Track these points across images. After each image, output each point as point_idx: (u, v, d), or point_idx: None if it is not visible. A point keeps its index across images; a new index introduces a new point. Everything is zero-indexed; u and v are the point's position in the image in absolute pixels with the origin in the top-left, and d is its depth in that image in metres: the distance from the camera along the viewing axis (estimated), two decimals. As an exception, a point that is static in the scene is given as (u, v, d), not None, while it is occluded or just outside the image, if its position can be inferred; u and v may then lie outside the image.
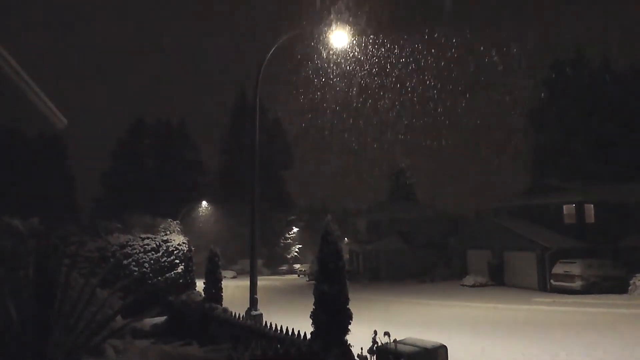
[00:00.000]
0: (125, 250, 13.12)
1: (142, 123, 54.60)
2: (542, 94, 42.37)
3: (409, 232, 40.24)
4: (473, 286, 28.67)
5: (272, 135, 52.28)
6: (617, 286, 23.09)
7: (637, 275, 22.92)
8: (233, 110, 55.90)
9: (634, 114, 36.52)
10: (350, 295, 8.24)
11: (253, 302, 11.58)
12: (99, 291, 6.34)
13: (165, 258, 13.83)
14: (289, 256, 54.82)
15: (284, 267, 50.87)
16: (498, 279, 29.18)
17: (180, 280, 13.85)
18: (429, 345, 8.33)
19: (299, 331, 8.42)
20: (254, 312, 11.35)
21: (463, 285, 29.29)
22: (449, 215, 42.42)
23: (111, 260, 12.54)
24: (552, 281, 24.97)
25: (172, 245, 14.17)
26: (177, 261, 14.12)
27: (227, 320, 10.34)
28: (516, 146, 46.01)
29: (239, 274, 40.49)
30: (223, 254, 15.33)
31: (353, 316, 8.16)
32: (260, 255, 43.80)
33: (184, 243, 14.58)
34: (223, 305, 11.58)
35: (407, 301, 23.19)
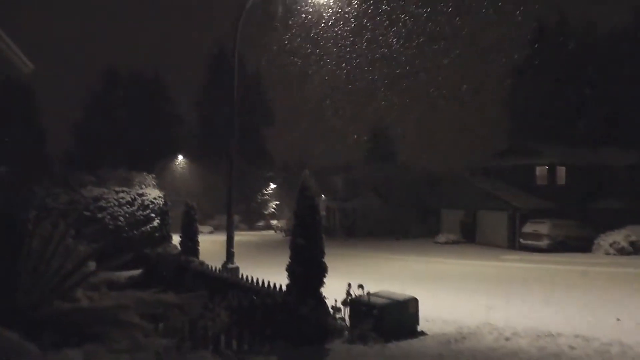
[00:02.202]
0: (99, 204, 12.94)
1: (115, 74, 52.69)
2: (520, 58, 42.44)
3: (386, 190, 40.76)
4: (445, 243, 29.51)
5: (251, 90, 51.27)
6: (582, 245, 24.08)
7: (601, 235, 23.90)
8: (211, 62, 54.29)
9: (610, 81, 36.94)
10: (326, 251, 8.37)
11: (230, 256, 11.68)
12: (72, 243, 6.27)
13: (140, 212, 13.71)
14: (266, 212, 55.13)
15: (261, 223, 51.24)
16: (470, 237, 30.05)
17: (156, 234, 13.82)
18: (400, 298, 8.61)
19: (274, 283, 8.57)
20: (230, 266, 11.46)
21: (436, 242, 30.10)
22: (426, 175, 43.00)
23: (85, 213, 12.38)
24: (521, 240, 25.86)
25: (147, 199, 14.02)
26: (153, 215, 14.03)
27: (204, 272, 10.44)
28: (495, 108, 46.33)
29: (216, 229, 40.58)
30: (200, 209, 15.29)
31: (328, 270, 8.33)
32: (238, 211, 43.85)
33: (159, 197, 14.44)
34: (200, 259, 11.66)
35: (382, 257, 23.76)
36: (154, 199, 14.19)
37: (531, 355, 6.86)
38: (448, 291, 13.46)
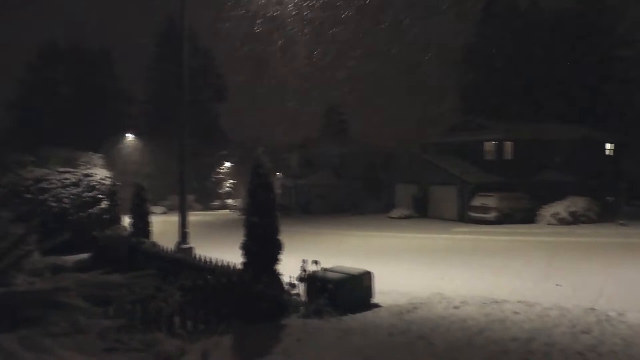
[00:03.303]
0: (41, 185, 12.29)
1: (56, 48, 49.53)
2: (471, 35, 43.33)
3: (341, 167, 41.06)
4: (399, 218, 30.21)
5: (203, 65, 49.70)
6: (527, 217, 25.31)
7: (543, 207, 25.20)
8: (160, 36, 52.06)
9: (556, 58, 38.40)
10: (282, 228, 8.36)
11: (183, 236, 11.47)
12: (5, 224, 5.92)
13: (87, 193, 13.15)
14: (221, 191, 54.33)
15: (217, 203, 50.50)
16: (422, 211, 30.89)
17: (105, 216, 13.32)
18: (354, 272, 8.78)
19: (229, 262, 8.50)
20: (184, 246, 11.26)
21: (390, 217, 30.76)
22: (380, 151, 43.56)
23: (25, 195, 11.73)
24: (470, 213, 26.86)
25: (94, 180, 13.45)
26: (101, 196, 13.49)
27: (156, 253, 10.21)
28: (447, 84, 47.28)
29: (170, 209, 39.63)
30: (152, 189, 14.83)
31: (285, 247, 8.34)
32: (192, 190, 42.96)
33: (107, 177, 13.89)
34: (152, 240, 11.37)
35: (337, 233, 24.06)
36: (102, 179, 13.63)
37: (478, 322, 7.19)
38: (401, 264, 13.84)
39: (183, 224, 11.49)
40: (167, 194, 43.10)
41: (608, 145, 31.72)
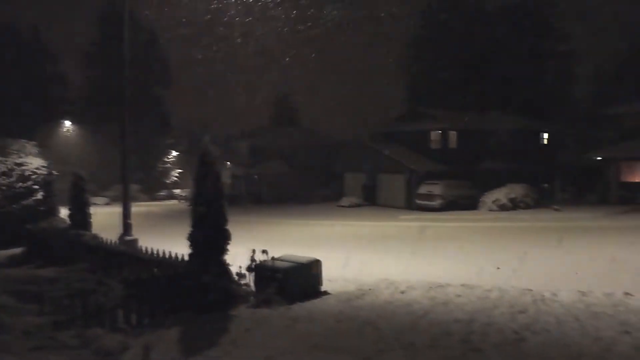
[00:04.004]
0: (-33, 175, 11.42)
1: (-17, 29, 46.00)
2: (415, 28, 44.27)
3: (291, 156, 40.99)
4: (349, 207, 30.61)
5: (148, 50, 47.77)
6: (470, 204, 26.38)
7: (485, 193, 26.34)
8: (101, 17, 49.44)
9: (498, 50, 39.91)
10: (232, 218, 8.24)
11: (126, 228, 11.06)
12: None
13: (20, 183, 12.37)
14: (168, 181, 52.84)
15: (163, 193, 49.08)
16: (371, 200, 31.46)
17: (41, 208, 12.60)
18: (304, 260, 8.80)
19: (176, 253, 8.28)
20: (127, 238, 10.87)
21: (340, 206, 31.11)
22: (330, 140, 43.83)
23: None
24: (417, 200, 27.63)
25: (28, 169, 12.67)
26: (36, 187, 12.74)
27: (97, 246, 9.78)
28: (394, 75, 48.06)
29: (113, 200, 38.09)
30: (94, 179, 14.19)
31: (234, 237, 8.22)
32: (136, 180, 41.53)
33: (43, 167, 13.11)
34: (93, 232, 10.89)
35: (287, 222, 24.07)
36: (36, 168, 12.86)
37: (423, 306, 7.43)
38: (350, 252, 14.03)
39: (126, 215, 11.08)
40: (111, 185, 41.42)
41: (544, 135, 33.55)
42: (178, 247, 8.36)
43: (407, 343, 5.83)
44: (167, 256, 8.23)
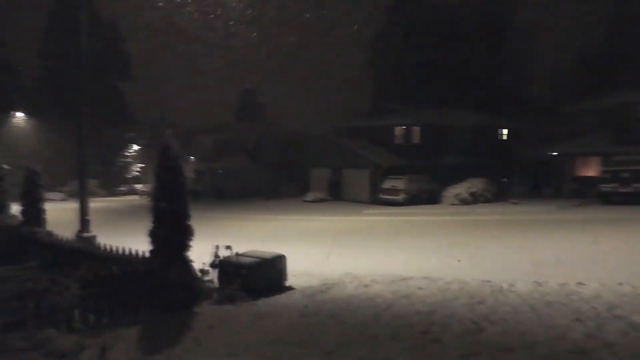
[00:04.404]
0: None
1: None
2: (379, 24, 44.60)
3: (256, 151, 40.64)
4: (314, 201, 30.68)
5: (107, 39, 46.11)
6: (433, 198, 26.94)
7: (447, 188, 26.94)
8: (55, 4, 47.34)
9: (458, 48, 40.75)
10: (195, 214, 8.09)
11: (83, 224, 10.69)
12: None
13: (-33, 178, 11.73)
14: (129, 176, 51.41)
15: (124, 188, 47.74)
16: (336, 195, 31.63)
17: (-10, 204, 11.98)
18: (268, 256, 8.76)
19: (136, 250, 8.08)
20: (85, 235, 10.52)
21: (305, 201, 31.13)
22: (296, 135, 43.72)
23: None
24: (381, 195, 27.98)
25: (-24, 163, 12.02)
26: (-16, 181, 12.10)
27: (51, 243, 9.42)
28: (360, 71, 48.32)
29: (70, 196, 36.78)
30: (51, 174, 13.60)
31: (197, 233, 8.08)
32: (95, 175, 40.21)
33: (-8, 160, 12.47)
34: (47, 229, 10.48)
35: (252, 217, 23.89)
36: (-15, 163, 12.22)
37: (386, 299, 7.53)
38: (314, 246, 14.08)
39: (83, 211, 10.71)
40: (68, 179, 39.92)
41: (503, 131, 34.62)
42: (139, 243, 8.15)
43: (370, 336, 5.90)
44: (126, 253, 8.01)
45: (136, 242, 8.57)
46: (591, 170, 26.27)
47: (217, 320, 6.72)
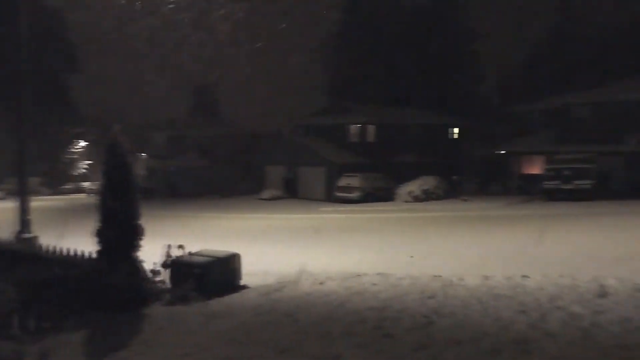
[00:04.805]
0: None
1: None
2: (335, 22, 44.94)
3: (211, 148, 39.92)
4: (269, 199, 30.50)
5: (51, 29, 43.76)
6: (387, 195, 27.40)
7: (400, 186, 27.49)
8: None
9: (412, 48, 41.61)
10: (146, 213, 7.85)
11: (24, 224, 10.14)
12: None
13: None
14: (75, 174, 49.17)
15: (70, 186, 45.58)
16: (292, 192, 31.59)
17: None
18: (222, 255, 8.63)
19: (82, 251, 7.74)
20: (25, 235, 9.98)
21: (261, 199, 30.89)
22: (251, 132, 43.26)
23: None
24: (336, 193, 28.20)
25: None
26: None
27: (-12, 245, 8.87)
28: (316, 68, 48.42)
29: (9, 195, 34.78)
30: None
31: (149, 233, 7.85)
32: (37, 172, 38.16)
33: None
34: (-17, 230, 9.85)
35: (207, 216, 23.47)
36: None
37: (340, 295, 7.59)
38: (270, 245, 14.01)
39: (24, 211, 10.15)
40: (6, 177, 37.71)
41: (454, 130, 35.71)
42: (86, 244, 7.83)
43: (324, 333, 5.93)
44: (71, 254, 7.67)
45: (83, 242, 8.21)
46: (536, 168, 27.55)
47: (169, 322, 6.56)
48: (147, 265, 7.91)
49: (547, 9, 45.11)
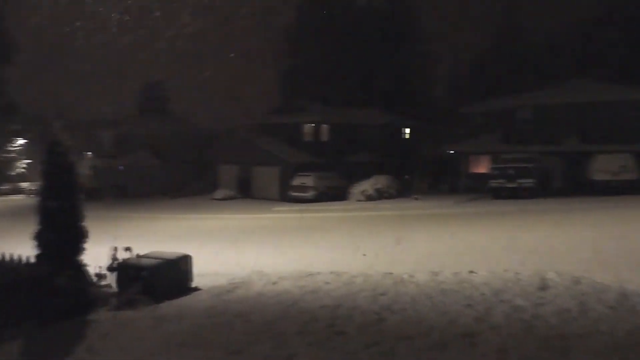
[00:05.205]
0: None
1: None
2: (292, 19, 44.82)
3: (161, 146, 38.81)
4: (223, 199, 30.05)
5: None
6: (341, 195, 27.62)
7: (354, 185, 27.81)
8: None
9: (365, 48, 42.16)
10: (92, 214, 7.54)
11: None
12: None
13: None
14: (13, 173, 46.43)
15: (7, 187, 43.03)
16: (246, 192, 31.25)
17: None
18: (172, 257, 8.42)
19: (19, 255, 7.32)
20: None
21: (214, 199, 30.38)
22: (204, 131, 42.40)
23: None
24: (290, 192, 28.16)
25: None
26: None
27: None
28: (270, 67, 48.15)
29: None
30: None
31: (95, 235, 7.53)
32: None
33: None
34: None
35: (157, 217, 22.82)
36: None
37: (293, 295, 7.59)
38: (223, 245, 13.80)
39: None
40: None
41: (406, 130, 36.54)
42: (24, 248, 7.41)
43: (277, 332, 5.90)
44: (7, 259, 7.23)
45: (20, 246, 7.77)
46: (483, 167, 28.62)
47: (115, 327, 6.32)
48: (93, 269, 7.60)
49: (495, 14, 46.99)
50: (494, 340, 5.36)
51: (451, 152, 30.88)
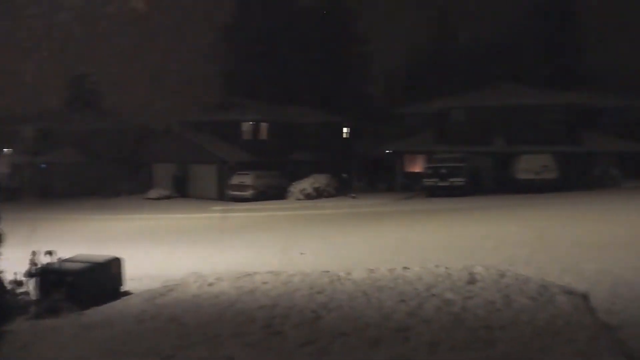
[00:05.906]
0: None
1: None
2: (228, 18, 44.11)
3: (90, 144, 36.78)
4: (158, 199, 29.02)
5: None
6: (280, 193, 27.57)
7: (293, 184, 27.84)
8: None
9: (305, 48, 42.30)
10: (11, 215, 7.00)
11: None
12: None
13: None
14: None
15: None
16: (183, 191, 30.39)
17: None
18: (100, 260, 7.99)
19: None
20: None
21: (148, 198, 29.27)
22: (137, 128, 40.66)
23: None
24: (229, 191, 27.71)
25: None
26: None
27: None
28: (208, 63, 47.08)
29: None
30: None
31: (13, 238, 6.99)
32: None
33: None
34: None
35: (85, 218, 21.62)
36: None
37: (230, 296, 7.45)
38: (156, 247, 13.33)
39: None
40: None
41: (345, 129, 37.07)
42: None
43: (212, 335, 5.76)
44: None
45: None
46: (418, 166, 29.65)
47: (35, 337, 5.90)
48: (8, 276, 7.04)
49: (430, 19, 48.74)
50: (426, 333, 5.54)
51: (388, 151, 31.71)
